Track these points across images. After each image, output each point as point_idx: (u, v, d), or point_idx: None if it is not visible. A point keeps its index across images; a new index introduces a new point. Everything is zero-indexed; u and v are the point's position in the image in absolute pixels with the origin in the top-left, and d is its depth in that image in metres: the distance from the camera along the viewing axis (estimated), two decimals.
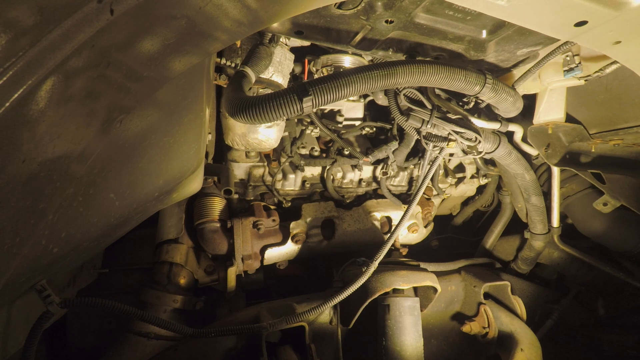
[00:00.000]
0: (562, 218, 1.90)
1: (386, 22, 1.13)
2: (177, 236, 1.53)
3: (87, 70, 0.59)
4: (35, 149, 0.57)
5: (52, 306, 0.84)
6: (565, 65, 1.37)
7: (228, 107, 1.06)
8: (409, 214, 1.35)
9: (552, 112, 1.60)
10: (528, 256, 1.98)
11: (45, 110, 0.54)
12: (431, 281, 1.47)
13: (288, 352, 1.30)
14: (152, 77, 0.76)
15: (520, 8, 0.88)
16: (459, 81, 1.16)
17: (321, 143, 1.89)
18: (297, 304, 1.40)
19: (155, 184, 1.04)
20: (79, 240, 0.85)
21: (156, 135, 0.95)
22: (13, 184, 0.56)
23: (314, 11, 1.09)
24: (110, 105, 0.71)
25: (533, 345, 1.58)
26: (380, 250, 1.31)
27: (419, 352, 1.37)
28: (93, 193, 0.80)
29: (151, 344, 1.33)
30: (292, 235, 1.65)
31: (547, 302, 1.93)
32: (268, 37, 1.30)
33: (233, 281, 1.55)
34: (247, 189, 1.77)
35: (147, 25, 0.65)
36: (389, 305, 1.39)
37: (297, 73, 1.63)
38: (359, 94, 1.10)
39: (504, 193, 2.19)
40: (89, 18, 0.52)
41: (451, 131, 1.37)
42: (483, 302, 1.67)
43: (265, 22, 0.86)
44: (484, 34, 1.23)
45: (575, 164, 1.61)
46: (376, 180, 1.95)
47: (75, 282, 1.25)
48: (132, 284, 1.57)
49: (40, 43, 0.48)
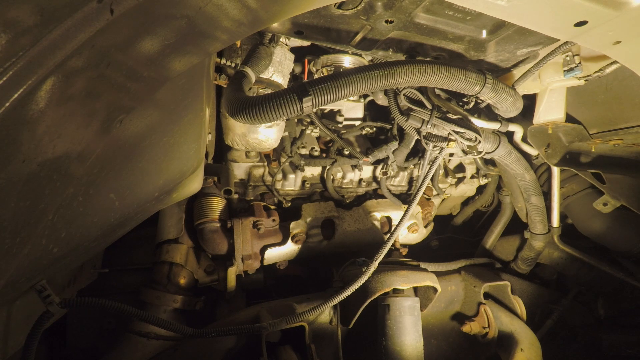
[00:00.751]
0: (562, 218, 1.90)
1: (386, 22, 1.13)
2: (177, 236, 1.53)
3: (87, 70, 0.59)
4: (35, 149, 0.57)
5: (52, 306, 0.84)
6: (565, 65, 1.37)
7: (228, 107, 1.06)
8: (409, 214, 1.35)
9: (552, 112, 1.60)
10: (528, 256, 1.98)
11: (45, 110, 0.54)
12: (431, 281, 1.47)
13: (288, 352, 1.30)
14: (152, 77, 0.76)
15: (520, 8, 0.88)
16: (459, 81, 1.16)
17: (321, 143, 1.89)
18: (297, 304, 1.40)
19: (155, 184, 1.04)
20: (79, 240, 0.85)
21: (156, 135, 0.95)
22: (13, 184, 0.56)
23: (314, 11, 1.09)
24: (110, 105, 0.71)
25: (533, 345, 1.58)
26: (380, 250, 1.31)
27: (419, 352, 1.37)
28: (93, 193, 0.80)
29: (151, 344, 1.33)
30: (292, 235, 1.65)
31: (547, 302, 1.93)
32: (268, 37, 1.30)
33: (233, 281, 1.55)
34: (247, 189, 1.77)
35: (147, 25, 0.65)
36: (389, 305, 1.39)
37: (297, 73, 1.62)
38: (359, 94, 1.10)
39: (504, 193, 2.19)
40: (89, 18, 0.52)
41: (451, 131, 1.37)
42: (483, 302, 1.68)
43: (265, 22, 0.86)
44: (484, 34, 1.23)
45: (575, 164, 1.61)
46: (376, 180, 1.95)
47: (75, 282, 1.25)
48: (132, 284, 1.57)
49: (40, 43, 0.48)
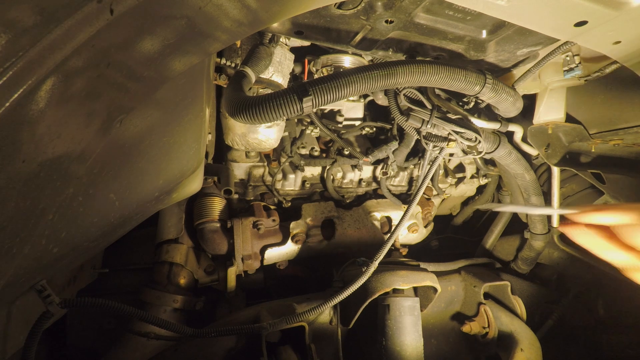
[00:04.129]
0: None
1: (386, 22, 1.13)
2: (177, 236, 1.53)
3: (87, 70, 0.59)
4: (35, 149, 0.57)
5: (52, 306, 0.84)
6: (565, 65, 1.37)
7: (228, 107, 1.06)
8: (409, 214, 1.35)
9: (552, 112, 1.60)
10: (528, 256, 1.98)
11: (45, 110, 0.54)
12: (431, 281, 1.47)
13: (288, 352, 1.30)
14: (152, 77, 0.76)
15: (520, 8, 0.88)
16: (459, 81, 1.15)
17: (321, 143, 1.89)
18: (297, 304, 1.40)
19: (155, 184, 1.04)
20: (79, 240, 0.85)
21: (156, 135, 0.95)
22: (13, 184, 0.56)
23: (314, 11, 1.09)
24: (110, 105, 0.71)
25: (533, 345, 1.58)
26: (380, 250, 1.31)
27: (419, 352, 1.37)
28: (93, 193, 0.80)
29: (151, 344, 1.33)
30: (292, 235, 1.65)
31: (547, 302, 1.92)
32: (268, 37, 1.30)
33: (233, 281, 1.55)
34: (247, 189, 1.77)
35: (147, 25, 0.65)
36: (389, 305, 1.39)
37: (297, 73, 1.62)
38: (359, 94, 1.10)
39: (504, 193, 2.19)
40: (89, 18, 0.52)
41: (451, 131, 1.37)
42: (483, 302, 1.67)
43: (265, 22, 0.86)
44: (484, 34, 1.23)
45: (575, 164, 1.61)
46: (376, 180, 1.95)
47: (75, 282, 1.25)
48: (132, 284, 1.57)
49: (40, 43, 0.48)
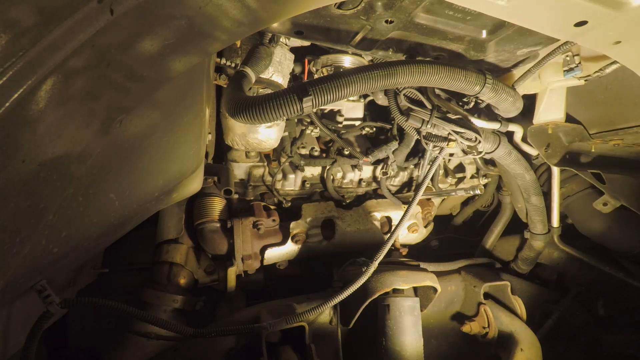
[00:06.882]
0: (562, 218, 1.90)
1: (386, 22, 1.13)
2: (177, 236, 1.53)
3: (87, 70, 0.59)
4: (35, 149, 0.57)
5: (52, 306, 0.84)
6: (565, 65, 1.37)
7: (228, 107, 1.06)
8: (409, 214, 1.34)
9: (552, 112, 1.60)
10: (528, 256, 1.97)
11: (45, 110, 0.54)
12: (431, 281, 1.47)
13: (288, 352, 1.30)
14: (152, 77, 0.76)
15: (520, 8, 0.88)
16: (459, 81, 1.15)
17: (321, 143, 1.89)
18: (297, 304, 1.40)
19: (155, 184, 1.04)
20: (79, 240, 0.85)
21: (156, 135, 0.95)
22: (13, 184, 0.56)
23: (314, 11, 1.09)
24: (110, 105, 0.71)
25: (533, 345, 1.58)
26: (380, 250, 1.31)
27: (419, 352, 1.37)
28: (93, 193, 0.80)
29: (151, 344, 1.33)
30: (292, 235, 1.65)
31: (547, 302, 1.92)
32: (268, 37, 1.30)
33: (233, 281, 1.55)
34: (247, 189, 1.77)
35: (147, 25, 0.65)
36: (389, 305, 1.39)
37: (297, 73, 1.62)
38: (359, 94, 1.10)
39: (504, 193, 2.19)
40: (89, 18, 0.52)
41: (451, 131, 1.37)
42: (483, 302, 1.67)
43: (265, 22, 0.86)
44: (484, 34, 1.23)
45: (575, 164, 1.61)
46: (376, 180, 1.95)
47: (75, 282, 1.25)
48: (132, 284, 1.57)
49: (40, 43, 0.48)
